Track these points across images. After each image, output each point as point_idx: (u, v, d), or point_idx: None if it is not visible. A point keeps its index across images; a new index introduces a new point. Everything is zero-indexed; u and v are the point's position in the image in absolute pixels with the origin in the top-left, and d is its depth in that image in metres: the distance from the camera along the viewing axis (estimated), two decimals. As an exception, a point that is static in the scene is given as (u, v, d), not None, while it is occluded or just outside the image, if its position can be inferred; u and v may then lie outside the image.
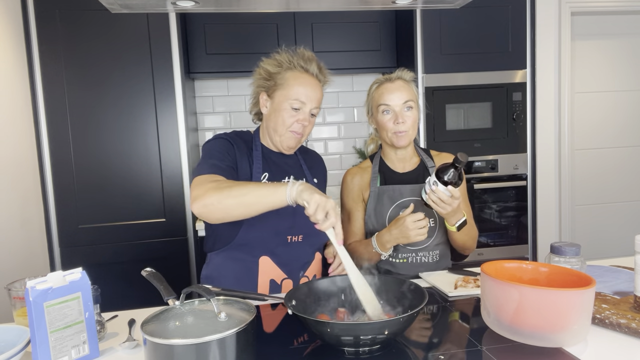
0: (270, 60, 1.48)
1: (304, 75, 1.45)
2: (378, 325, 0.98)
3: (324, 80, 1.51)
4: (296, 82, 1.43)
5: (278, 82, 1.45)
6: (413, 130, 1.62)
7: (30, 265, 2.27)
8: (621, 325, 1.07)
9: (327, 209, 1.14)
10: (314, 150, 1.74)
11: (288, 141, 1.47)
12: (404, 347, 1.07)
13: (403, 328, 1.03)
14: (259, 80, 1.50)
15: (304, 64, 1.46)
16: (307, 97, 1.43)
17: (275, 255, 1.44)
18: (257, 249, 1.43)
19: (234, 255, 1.45)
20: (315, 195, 1.14)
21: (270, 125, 1.48)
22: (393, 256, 1.63)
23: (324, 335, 1.01)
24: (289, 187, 1.18)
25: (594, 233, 3.44)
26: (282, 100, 1.43)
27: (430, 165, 1.69)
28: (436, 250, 1.64)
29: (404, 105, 1.59)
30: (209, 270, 1.51)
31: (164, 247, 2.51)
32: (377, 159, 1.72)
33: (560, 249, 1.18)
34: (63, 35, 2.37)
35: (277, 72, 1.45)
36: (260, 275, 1.44)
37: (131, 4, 1.43)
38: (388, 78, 1.64)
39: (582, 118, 3.35)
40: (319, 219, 1.14)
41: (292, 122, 1.43)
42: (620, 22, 3.33)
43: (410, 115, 1.60)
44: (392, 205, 1.63)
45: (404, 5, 1.62)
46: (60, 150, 2.41)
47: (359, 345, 1.00)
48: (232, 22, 2.74)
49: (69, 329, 1.03)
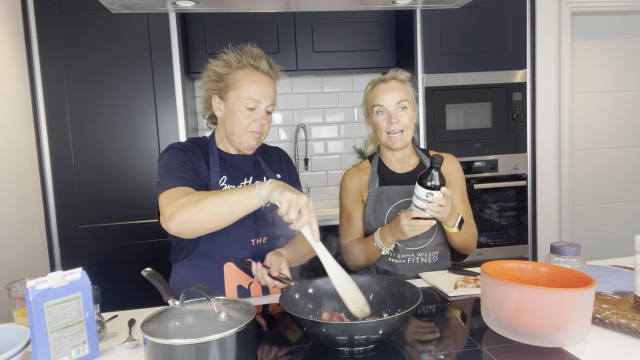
0: (218, 62, 1.43)
1: (255, 73, 1.41)
2: (372, 324, 0.98)
3: (276, 76, 1.46)
4: (248, 80, 1.39)
5: (229, 82, 1.40)
6: (408, 131, 1.60)
7: (30, 265, 2.27)
8: (621, 325, 1.07)
9: (300, 206, 1.10)
10: (274, 146, 1.68)
11: (248, 141, 1.43)
12: (403, 347, 1.07)
13: (397, 327, 1.03)
14: (208, 83, 1.44)
15: (253, 62, 1.41)
16: (261, 95, 1.39)
17: (239, 260, 1.42)
18: (220, 256, 1.41)
19: (198, 264, 1.43)
20: (286, 193, 1.11)
21: (227, 128, 1.43)
22: (392, 256, 1.63)
23: (320, 336, 1.01)
24: (258, 188, 1.16)
25: (594, 233, 3.44)
26: (235, 102, 1.39)
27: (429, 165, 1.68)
28: (435, 251, 1.64)
29: (397, 105, 1.58)
30: (175, 281, 1.48)
31: (164, 247, 2.50)
32: (376, 159, 1.71)
33: (560, 249, 1.18)
34: (63, 35, 2.37)
35: (227, 73, 1.40)
36: (227, 282, 1.42)
37: (131, 4, 1.43)
38: (382, 79, 1.63)
39: (582, 118, 3.35)
40: (292, 217, 1.10)
41: (249, 123, 1.40)
42: (620, 22, 3.33)
43: (405, 115, 1.59)
44: (390, 206, 1.63)
45: (404, 5, 1.62)
46: (60, 150, 2.41)
47: (353, 345, 1.01)
48: (232, 22, 2.74)
49: (69, 329, 1.03)
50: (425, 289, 1.44)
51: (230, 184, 1.45)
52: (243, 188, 1.20)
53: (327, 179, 3.27)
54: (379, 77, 1.64)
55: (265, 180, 1.45)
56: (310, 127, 3.23)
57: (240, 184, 1.47)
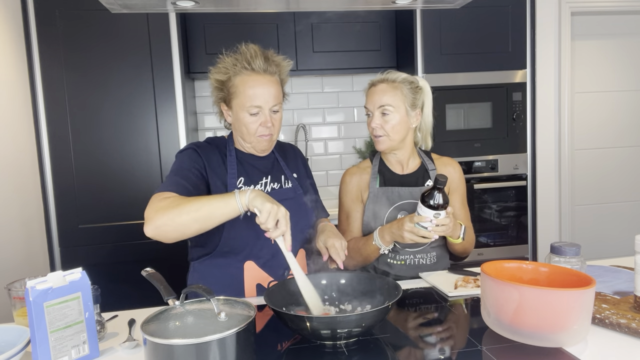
0: (216, 69, 1.42)
1: (252, 77, 1.38)
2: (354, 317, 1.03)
3: (277, 70, 1.43)
4: (246, 86, 1.37)
5: (230, 90, 1.39)
6: (393, 135, 1.58)
7: (30, 265, 2.27)
8: (621, 325, 1.07)
9: (278, 217, 1.15)
10: (288, 143, 1.69)
11: (259, 145, 1.44)
12: (403, 347, 1.07)
13: (378, 320, 1.08)
14: (214, 92, 1.45)
15: (247, 64, 1.38)
16: (261, 98, 1.37)
17: (259, 259, 1.43)
18: (241, 254, 1.42)
19: (218, 262, 1.44)
20: (266, 203, 1.15)
21: (237, 134, 1.46)
22: (391, 257, 1.62)
23: (304, 331, 1.05)
24: (238, 196, 1.18)
25: (594, 233, 3.44)
26: (239, 110, 1.39)
27: (430, 168, 1.67)
28: (433, 252, 1.64)
29: (379, 110, 1.58)
30: (194, 279, 1.49)
31: (163, 247, 2.50)
32: (377, 159, 1.71)
33: (560, 249, 1.18)
34: (63, 35, 2.37)
35: (227, 80, 1.40)
36: (246, 280, 1.43)
37: (131, 4, 1.43)
38: (373, 81, 1.63)
39: (582, 118, 3.35)
40: (269, 227, 1.15)
41: (256, 128, 1.40)
42: (620, 22, 3.33)
43: (387, 120, 1.57)
44: (390, 207, 1.63)
45: (404, 5, 1.62)
46: (60, 150, 2.41)
47: (336, 338, 1.05)
48: (232, 22, 2.74)
49: (69, 329, 1.03)
50: (425, 289, 1.44)
51: (248, 185, 1.45)
52: (223, 195, 1.22)
53: (327, 179, 3.27)
54: (374, 78, 1.64)
55: (283, 179, 1.50)
56: (310, 127, 3.23)
57: (258, 183, 1.47)
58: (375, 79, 1.63)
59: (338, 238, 1.40)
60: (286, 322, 1.08)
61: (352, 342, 1.07)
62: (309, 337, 1.08)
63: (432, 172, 1.66)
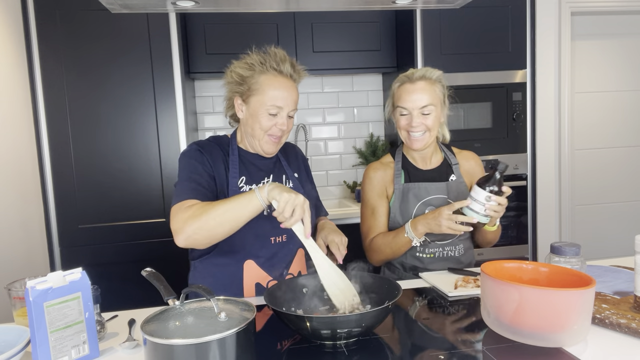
0: (241, 64, 1.42)
1: (278, 78, 1.40)
2: (353, 317, 1.02)
3: (299, 79, 1.46)
4: (271, 86, 1.38)
5: (252, 87, 1.39)
6: (431, 132, 1.57)
7: (30, 265, 2.27)
8: (621, 325, 1.07)
9: (295, 205, 1.16)
10: (289, 142, 1.69)
11: (267, 146, 1.44)
12: (404, 347, 1.07)
13: (379, 320, 1.07)
14: (231, 85, 1.45)
15: (276, 65, 1.40)
16: (284, 100, 1.39)
17: (259, 258, 1.43)
18: (241, 254, 1.42)
19: (218, 262, 1.44)
20: (284, 193, 1.16)
21: (247, 130, 1.45)
22: (420, 251, 1.62)
23: (303, 331, 1.05)
24: (258, 192, 1.20)
25: (594, 233, 3.44)
26: (258, 107, 1.39)
27: (454, 162, 1.67)
28: (460, 245, 1.65)
29: (420, 110, 1.54)
30: (195, 278, 1.50)
31: (164, 247, 2.51)
32: (399, 155, 1.69)
33: (560, 249, 1.18)
34: (63, 35, 2.37)
35: (250, 76, 1.40)
36: (246, 279, 1.44)
37: (131, 4, 1.43)
38: (409, 77, 1.57)
39: (582, 118, 3.35)
40: (286, 215, 1.16)
41: (270, 126, 1.41)
42: (620, 22, 3.33)
43: (428, 119, 1.55)
44: (417, 203, 1.62)
45: (404, 5, 1.62)
46: (60, 150, 2.41)
47: (336, 338, 1.04)
48: (232, 22, 2.74)
49: (69, 329, 1.03)
50: (425, 289, 1.44)
51: (249, 184, 1.45)
52: (244, 194, 1.23)
53: (327, 179, 3.27)
54: (407, 74, 1.59)
55: (284, 179, 1.52)
56: (310, 127, 3.23)
57: (260, 182, 1.47)
58: (412, 75, 1.57)
59: (338, 234, 1.41)
60: (286, 322, 1.08)
61: (352, 342, 1.07)
62: (309, 337, 1.08)
63: (455, 167, 1.66)
